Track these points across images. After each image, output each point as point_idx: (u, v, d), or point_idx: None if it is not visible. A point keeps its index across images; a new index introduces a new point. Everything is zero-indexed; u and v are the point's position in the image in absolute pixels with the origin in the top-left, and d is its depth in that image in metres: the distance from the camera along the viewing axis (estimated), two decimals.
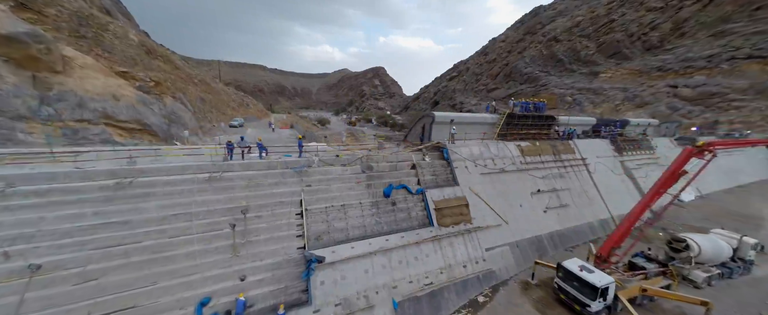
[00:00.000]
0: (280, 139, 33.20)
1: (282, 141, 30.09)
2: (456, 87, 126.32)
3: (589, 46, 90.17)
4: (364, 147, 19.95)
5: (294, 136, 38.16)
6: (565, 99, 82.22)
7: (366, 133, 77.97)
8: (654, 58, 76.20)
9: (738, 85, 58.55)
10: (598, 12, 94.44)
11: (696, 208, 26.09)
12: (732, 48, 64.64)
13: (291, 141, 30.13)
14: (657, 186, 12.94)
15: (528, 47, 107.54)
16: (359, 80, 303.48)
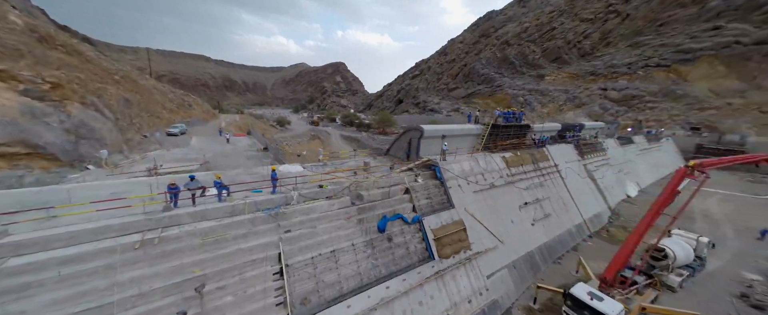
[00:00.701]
0: (236, 152, 28.34)
1: (240, 157, 25.52)
2: (419, 85, 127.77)
3: (536, 51, 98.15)
4: (349, 168, 17.25)
5: (254, 147, 33.22)
6: (517, 99, 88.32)
7: (331, 133, 73.80)
8: (587, 64, 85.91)
9: (651, 89, 68.80)
10: (541, 20, 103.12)
11: (642, 204, 28.97)
12: (645, 57, 75.73)
13: (254, 158, 25.77)
14: (655, 209, 12.99)
15: (483, 49, 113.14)
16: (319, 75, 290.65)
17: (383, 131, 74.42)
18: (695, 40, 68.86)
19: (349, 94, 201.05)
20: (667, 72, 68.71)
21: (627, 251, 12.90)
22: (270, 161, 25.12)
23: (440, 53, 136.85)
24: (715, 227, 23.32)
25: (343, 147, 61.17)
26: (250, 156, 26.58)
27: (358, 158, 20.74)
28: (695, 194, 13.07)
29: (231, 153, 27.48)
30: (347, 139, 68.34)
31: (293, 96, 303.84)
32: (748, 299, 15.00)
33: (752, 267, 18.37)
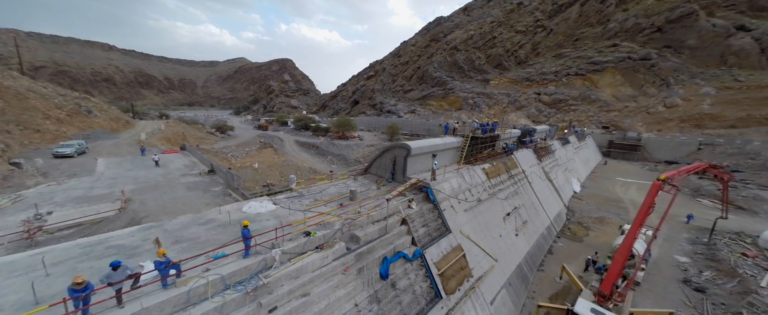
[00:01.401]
0: (170, 180, 22.74)
1: (178, 188, 20.44)
2: (374, 87, 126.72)
3: (481, 57, 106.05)
4: (331, 198, 14.55)
5: (194, 169, 27.46)
6: (468, 102, 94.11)
7: (284, 139, 67.42)
8: (523, 71, 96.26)
9: (572, 94, 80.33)
10: (484, 29, 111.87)
11: (586, 198, 32.68)
12: (566, 67, 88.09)
13: (198, 188, 20.96)
14: (637, 223, 13.68)
15: (435, 53, 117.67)
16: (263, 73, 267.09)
17: (342, 136, 71.07)
18: (601, 54, 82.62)
19: (300, 94, 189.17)
20: (583, 80, 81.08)
21: (619, 264, 13.35)
22: (221, 191, 20.60)
23: (394, 55, 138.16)
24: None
25: (299, 155, 56.24)
26: (192, 184, 21.49)
27: (337, 181, 18.06)
28: (670, 208, 14.14)
29: (163, 182, 21.87)
30: (304, 145, 63.22)
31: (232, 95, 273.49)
32: (690, 283, 17.32)
33: (680, 250, 21.61)
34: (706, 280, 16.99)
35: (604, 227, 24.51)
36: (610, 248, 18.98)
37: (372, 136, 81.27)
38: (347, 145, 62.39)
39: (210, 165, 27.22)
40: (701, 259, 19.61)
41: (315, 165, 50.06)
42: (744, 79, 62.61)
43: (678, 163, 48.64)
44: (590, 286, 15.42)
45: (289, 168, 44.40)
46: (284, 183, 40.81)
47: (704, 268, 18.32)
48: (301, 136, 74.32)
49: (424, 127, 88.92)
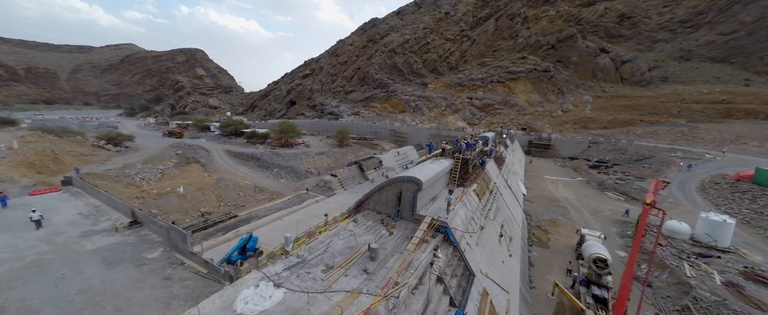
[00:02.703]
0: (67, 257, 14.75)
1: (81, 262, 13.36)
2: (313, 86, 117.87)
3: (418, 62, 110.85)
4: (348, 260, 10.99)
5: (102, 221, 18.84)
6: (410, 104, 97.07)
7: (210, 149, 55.35)
8: (455, 76, 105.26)
9: (497, 99, 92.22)
10: (418, 34, 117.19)
11: (533, 200, 36.99)
12: (490, 74, 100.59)
13: (109, 249, 14.19)
14: (636, 245, 14.90)
15: (374, 55, 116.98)
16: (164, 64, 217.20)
17: (286, 143, 63.06)
18: (514, 64, 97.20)
19: (220, 92, 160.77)
20: (504, 87, 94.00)
21: (626, 289, 14.34)
22: (163, 259, 14.20)
23: (331, 54, 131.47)
24: (579, 215, 32.41)
25: (236, 170, 46.93)
26: (109, 253, 14.30)
27: (334, 226, 14.40)
28: (660, 229, 15.92)
29: (53, 257, 13.81)
30: (239, 157, 53.18)
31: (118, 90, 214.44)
32: (638, 278, 20.75)
33: (617, 245, 26.13)
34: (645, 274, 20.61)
35: (559, 229, 27.69)
36: (574, 253, 21.18)
37: (318, 142, 75.15)
38: (294, 153, 55.61)
39: (129, 211, 18.69)
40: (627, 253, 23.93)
41: (259, 181, 42.53)
42: (607, 90, 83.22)
43: (577, 158, 61.02)
44: None
45: (229, 189, 36.22)
46: (225, 209, 32.92)
47: (640, 261, 22.30)
48: (233, 145, 62.56)
49: (370, 129, 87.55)
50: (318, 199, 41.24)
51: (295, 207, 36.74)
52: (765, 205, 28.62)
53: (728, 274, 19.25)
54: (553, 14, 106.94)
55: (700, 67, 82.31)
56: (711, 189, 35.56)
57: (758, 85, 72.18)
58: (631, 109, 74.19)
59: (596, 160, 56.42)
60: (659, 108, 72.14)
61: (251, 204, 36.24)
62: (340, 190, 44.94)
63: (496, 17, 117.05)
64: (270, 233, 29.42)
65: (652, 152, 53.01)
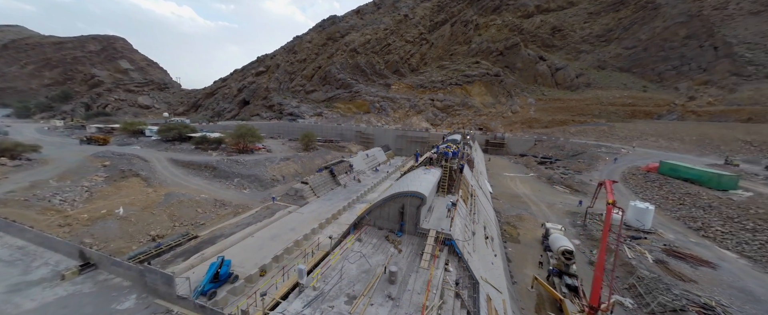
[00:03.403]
0: None
1: None
2: (269, 85, 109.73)
3: (380, 62, 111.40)
4: (368, 286, 10.49)
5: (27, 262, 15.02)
6: (374, 105, 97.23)
7: (149, 159, 47.89)
8: (417, 78, 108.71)
9: (456, 101, 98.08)
10: (379, 35, 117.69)
11: (500, 197, 40.49)
12: (448, 77, 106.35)
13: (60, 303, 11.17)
14: (603, 244, 17.15)
15: (335, 54, 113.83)
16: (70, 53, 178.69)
17: (245, 148, 57.80)
18: (470, 68, 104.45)
19: (153, 89, 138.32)
20: (461, 89, 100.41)
21: (599, 278, 16.60)
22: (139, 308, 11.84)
23: (288, 51, 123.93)
24: (539, 209, 36.55)
25: (188, 182, 41.58)
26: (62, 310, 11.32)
27: (342, 248, 13.71)
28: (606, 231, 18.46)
29: None
30: (189, 167, 47.09)
31: (2, 84, 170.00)
32: (591, 265, 24.33)
33: (571, 234, 30.15)
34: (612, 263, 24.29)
35: (526, 224, 30.85)
36: (541, 246, 24.00)
37: (280, 145, 70.63)
38: (256, 160, 51.41)
39: (76, 251, 14.80)
40: (584, 239, 27.98)
41: (219, 194, 38.46)
42: (546, 94, 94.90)
43: (526, 155, 68.54)
44: (577, 303, 18.36)
45: (183, 206, 31.96)
46: (182, 229, 28.95)
47: (591, 247, 26.20)
48: (178, 152, 54.97)
49: (336, 131, 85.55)
50: (290, 209, 39.09)
51: (265, 221, 34.24)
52: (669, 192, 36.03)
53: (655, 252, 23.79)
54: (499, 23, 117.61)
55: (612, 75, 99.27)
56: (630, 179, 43.38)
57: (652, 91, 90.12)
58: (565, 111, 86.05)
59: (542, 156, 64.11)
60: (585, 110, 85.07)
61: (213, 221, 32.57)
62: (312, 198, 43.14)
63: (452, 23, 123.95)
64: (243, 253, 27.01)
65: (583, 148, 62.30)
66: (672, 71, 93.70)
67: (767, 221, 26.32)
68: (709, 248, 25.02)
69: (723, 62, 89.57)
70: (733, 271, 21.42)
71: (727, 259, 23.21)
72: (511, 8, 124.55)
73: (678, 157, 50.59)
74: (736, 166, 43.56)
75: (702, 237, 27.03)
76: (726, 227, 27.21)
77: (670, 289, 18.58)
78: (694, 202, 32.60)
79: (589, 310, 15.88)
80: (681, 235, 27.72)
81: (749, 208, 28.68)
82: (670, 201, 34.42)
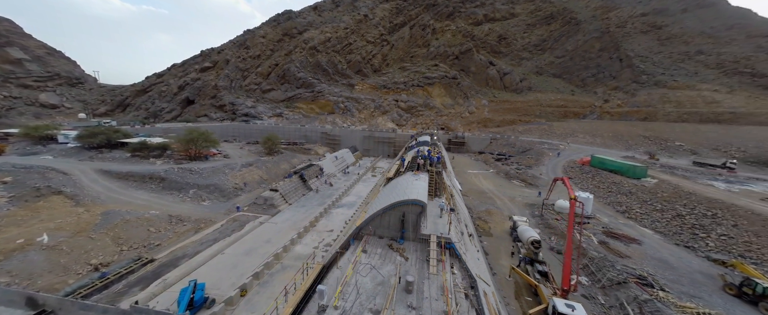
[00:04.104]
0: None
1: None
2: (218, 82, 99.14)
3: (342, 62, 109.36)
4: (388, 298, 10.43)
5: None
6: (339, 105, 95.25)
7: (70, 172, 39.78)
8: (380, 79, 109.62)
9: (418, 102, 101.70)
10: (340, 33, 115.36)
11: (468, 193, 43.43)
12: (410, 78, 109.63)
13: None
14: (570, 233, 19.67)
15: (293, 51, 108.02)
16: None
17: (197, 154, 51.64)
18: (430, 70, 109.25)
19: (60, 84, 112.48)
20: (423, 90, 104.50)
21: (568, 265, 19.09)
22: None
23: (239, 45, 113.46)
24: (503, 203, 40.28)
25: (131, 197, 35.88)
26: None
27: (356, 262, 13.41)
28: (583, 218, 21.40)
29: None
30: (127, 178, 40.48)
31: None
32: (554, 250, 27.90)
33: (530, 224, 33.98)
34: (557, 244, 28.01)
35: (495, 218, 33.80)
36: (510, 237, 26.78)
37: (238, 150, 64.85)
38: (213, 167, 46.60)
39: (22, 298, 11.34)
40: (543, 228, 31.87)
41: (172, 208, 34.11)
42: (496, 96, 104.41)
43: (484, 152, 74.75)
44: (549, 286, 20.73)
45: (130, 225, 27.69)
46: (132, 254, 25.02)
47: (550, 235, 30.00)
48: (109, 162, 46.66)
49: (300, 133, 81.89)
50: (261, 220, 36.62)
51: (235, 234, 31.54)
52: (600, 181, 43.07)
53: (597, 235, 28.33)
54: (454, 29, 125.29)
55: (548, 80, 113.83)
56: (569, 172, 50.56)
57: (578, 95, 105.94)
58: (513, 112, 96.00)
59: (498, 153, 70.62)
60: (529, 110, 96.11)
61: (170, 241, 28.76)
62: (284, 206, 40.88)
63: (410, 25, 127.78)
64: (216, 273, 24.70)
65: (530, 145, 70.44)
66: (591, 78, 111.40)
67: (670, 202, 33.38)
68: (634, 227, 30.74)
69: (626, 71, 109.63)
70: (652, 244, 26.74)
71: (647, 235, 28.84)
72: (463, 15, 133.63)
73: (604, 152, 60.60)
74: (656, 160, 54.03)
75: (627, 218, 33.03)
76: (643, 209, 33.71)
77: (614, 265, 22.39)
78: (619, 190, 39.57)
79: (562, 292, 18.27)
80: (612, 218, 33.45)
81: (656, 192, 35.98)
82: (602, 189, 41.20)
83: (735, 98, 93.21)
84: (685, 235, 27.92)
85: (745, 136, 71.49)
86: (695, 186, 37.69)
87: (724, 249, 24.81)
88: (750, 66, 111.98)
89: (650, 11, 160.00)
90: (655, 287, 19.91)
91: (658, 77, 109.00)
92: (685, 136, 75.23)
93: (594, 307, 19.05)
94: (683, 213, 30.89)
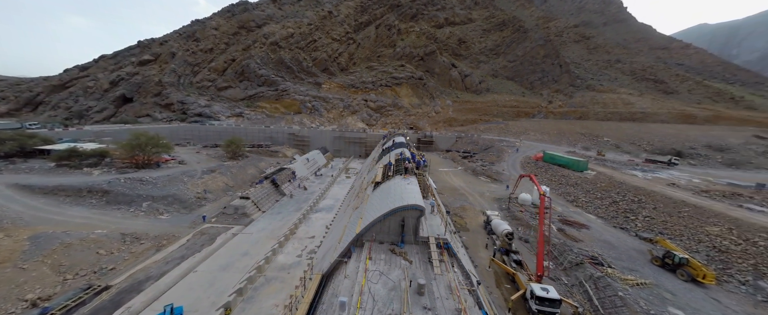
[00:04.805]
0: None
1: None
2: (162, 78, 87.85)
3: (307, 59, 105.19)
4: (404, 300, 10.82)
5: None
6: (306, 105, 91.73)
7: None
8: (347, 78, 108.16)
9: (387, 102, 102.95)
10: (303, 29, 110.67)
11: (443, 191, 45.71)
12: (378, 78, 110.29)
13: None
14: (541, 224, 22.19)
15: (252, 46, 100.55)
16: None
17: (146, 162, 45.67)
18: (397, 71, 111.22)
19: None
20: (391, 90, 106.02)
21: (542, 252, 21.51)
22: None
23: (187, 37, 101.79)
24: (474, 199, 43.31)
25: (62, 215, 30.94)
26: None
27: (363, 268, 13.48)
28: (550, 210, 24.09)
29: None
30: (56, 193, 34.43)
31: None
32: (523, 239, 31.10)
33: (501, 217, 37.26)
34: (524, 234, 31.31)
35: (469, 213, 36.31)
36: (485, 231, 29.30)
37: (194, 154, 59.00)
38: (169, 176, 41.99)
39: None
40: (510, 220, 35.27)
41: (123, 225, 30.31)
42: (459, 96, 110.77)
43: (451, 150, 79.09)
44: (525, 273, 23.10)
45: (73, 249, 24.11)
46: (80, 282, 21.71)
47: (517, 226, 33.35)
48: (27, 174, 39.00)
49: (264, 134, 77.36)
50: (233, 230, 34.36)
51: (206, 249, 29.21)
52: (552, 175, 48.91)
53: (555, 223, 32.36)
54: (418, 30, 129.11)
55: (503, 82, 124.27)
56: (526, 166, 56.36)
57: (528, 96, 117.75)
58: (474, 111, 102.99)
59: (464, 151, 75.30)
60: (488, 110, 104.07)
61: (127, 263, 25.54)
62: (257, 214, 38.77)
63: (376, 25, 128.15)
64: (191, 294, 22.93)
65: (491, 143, 76.56)
66: (538, 81, 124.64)
67: (606, 191, 39.49)
68: (582, 214, 35.76)
69: (565, 76, 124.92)
70: (597, 228, 31.51)
71: (592, 221, 33.83)
72: (426, 17, 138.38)
73: (552, 148, 68.59)
74: (602, 155, 62.59)
75: (576, 207, 38.24)
76: (587, 198, 39.32)
77: (572, 249, 25.95)
78: (567, 182, 45.46)
79: (537, 278, 20.68)
80: (564, 207, 38.40)
81: (596, 182, 42.23)
82: (554, 182, 46.87)
83: (643, 101, 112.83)
84: (619, 218, 33.43)
85: (651, 132, 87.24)
86: (624, 176, 45.15)
87: (649, 228, 30.41)
88: (653, 74, 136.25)
89: (580, 23, 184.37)
90: (604, 265, 23.65)
91: (589, 81, 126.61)
92: (610, 132, 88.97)
93: (560, 287, 21.92)
94: (617, 200, 36.88)
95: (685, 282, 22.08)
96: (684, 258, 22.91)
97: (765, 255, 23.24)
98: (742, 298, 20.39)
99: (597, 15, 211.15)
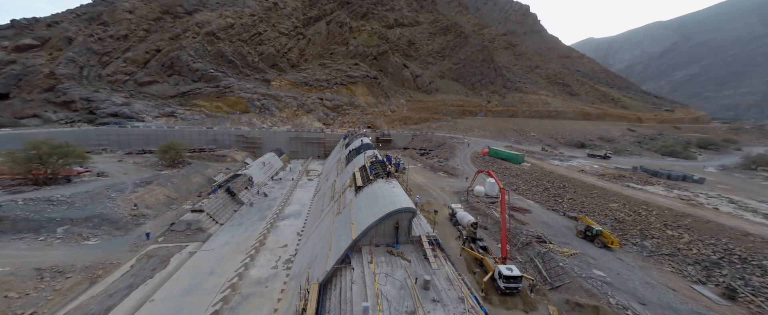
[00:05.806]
0: None
1: None
2: (56, 69, 69.77)
3: (252, 53, 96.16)
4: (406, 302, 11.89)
5: None
6: (254, 103, 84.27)
7: None
8: (300, 75, 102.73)
9: (344, 101, 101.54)
10: (245, 20, 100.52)
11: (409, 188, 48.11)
12: (333, 76, 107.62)
13: None
14: (502, 213, 25.67)
15: (183, 35, 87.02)
16: None
17: (51, 176, 36.66)
18: (352, 69, 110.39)
19: None
20: (347, 89, 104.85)
21: (503, 238, 25.00)
22: None
23: (90, 19, 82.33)
24: (437, 193, 46.87)
25: None
26: None
27: (368, 275, 14.11)
28: (503, 209, 27.77)
29: None
30: None
31: None
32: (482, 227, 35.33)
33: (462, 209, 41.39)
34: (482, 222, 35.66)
35: (435, 207, 39.42)
36: (451, 223, 32.66)
37: (116, 164, 49.69)
38: (88, 192, 35.14)
39: None
40: (469, 210, 39.64)
41: (34, 258, 25.08)
42: (412, 96, 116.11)
43: (408, 148, 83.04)
44: (491, 257, 26.46)
45: None
46: None
47: (475, 215, 37.73)
48: None
49: (207, 137, 69.18)
50: (189, 249, 31.12)
51: (159, 274, 26.07)
52: (498, 168, 56.09)
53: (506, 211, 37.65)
54: (369, 30, 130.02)
55: (449, 83, 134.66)
56: (476, 161, 63.25)
57: (470, 96, 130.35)
58: (426, 110, 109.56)
59: (420, 148, 79.91)
60: (438, 109, 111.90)
61: (52, 302, 21.37)
62: (215, 228, 35.46)
63: (327, 21, 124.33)
64: None
65: (444, 140, 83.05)
66: (478, 83, 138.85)
67: (539, 179, 47.36)
68: (523, 200, 42.31)
69: (499, 79, 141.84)
70: (536, 211, 37.87)
71: (532, 206, 40.42)
72: (377, 17, 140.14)
73: (494, 143, 77.98)
74: (545, 150, 73.04)
75: (519, 194, 44.96)
76: (526, 186, 46.55)
77: (522, 231, 30.88)
78: (509, 173, 52.81)
79: (502, 260, 24.20)
80: (510, 195, 44.75)
81: (532, 172, 50.20)
82: (499, 173, 53.91)
83: (557, 101, 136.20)
84: (551, 202, 40.73)
85: (563, 128, 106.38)
86: (550, 166, 54.66)
87: (573, 208, 37.95)
88: (561, 78, 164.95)
89: (507, 32, 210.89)
90: (547, 242, 28.91)
91: (517, 84, 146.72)
92: (535, 128, 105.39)
93: (517, 265, 26.07)
94: (548, 186, 44.70)
95: (600, 248, 28.59)
96: (598, 230, 29.58)
97: (645, 222, 31.64)
98: (635, 255, 27.56)
99: (518, 25, 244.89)
